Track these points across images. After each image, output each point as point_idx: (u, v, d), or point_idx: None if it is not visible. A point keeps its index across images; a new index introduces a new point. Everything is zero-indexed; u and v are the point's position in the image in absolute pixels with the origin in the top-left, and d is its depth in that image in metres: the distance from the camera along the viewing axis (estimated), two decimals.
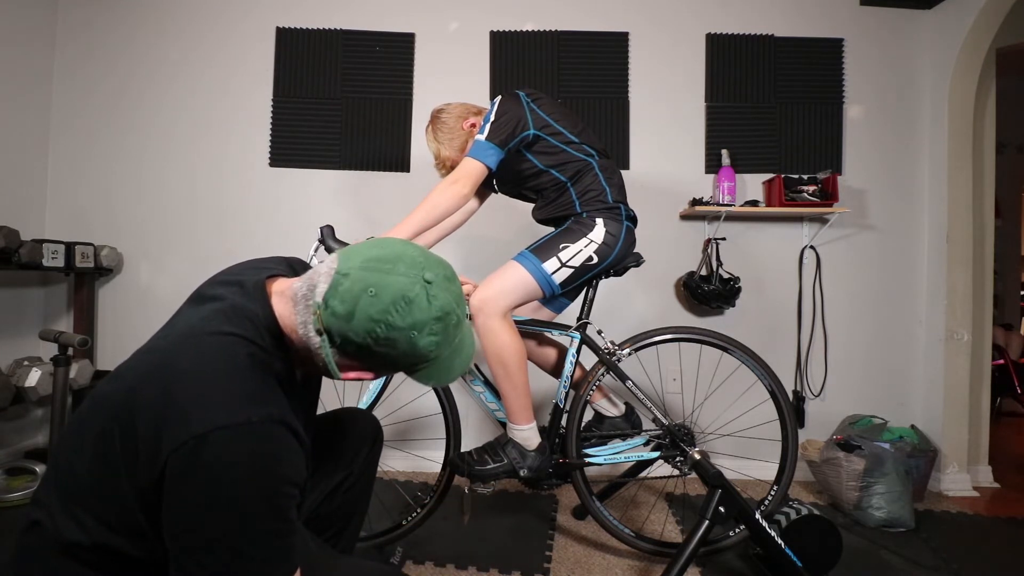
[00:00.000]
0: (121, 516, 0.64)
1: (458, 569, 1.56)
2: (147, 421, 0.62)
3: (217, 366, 0.66)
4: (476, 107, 1.66)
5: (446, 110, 1.64)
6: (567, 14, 2.45)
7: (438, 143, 1.63)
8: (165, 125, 2.46)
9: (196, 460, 0.59)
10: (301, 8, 2.47)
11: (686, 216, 2.39)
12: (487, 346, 1.50)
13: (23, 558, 0.68)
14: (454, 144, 1.61)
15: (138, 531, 0.64)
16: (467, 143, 1.59)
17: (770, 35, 2.43)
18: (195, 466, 0.59)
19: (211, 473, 0.59)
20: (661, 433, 1.62)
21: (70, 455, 0.68)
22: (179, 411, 0.61)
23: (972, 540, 1.83)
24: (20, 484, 1.91)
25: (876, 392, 2.38)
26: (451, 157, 1.62)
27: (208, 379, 0.65)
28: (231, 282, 0.81)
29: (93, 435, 0.66)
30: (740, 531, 1.59)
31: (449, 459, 1.58)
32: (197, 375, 0.65)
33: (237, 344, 0.69)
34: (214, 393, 0.63)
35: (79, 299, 2.33)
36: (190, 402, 0.62)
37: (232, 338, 0.69)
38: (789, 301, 2.41)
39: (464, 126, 1.61)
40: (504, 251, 1.74)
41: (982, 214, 2.36)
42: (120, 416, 0.64)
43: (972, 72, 2.28)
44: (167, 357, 0.68)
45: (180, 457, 0.59)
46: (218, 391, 0.64)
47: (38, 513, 0.68)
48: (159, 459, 0.60)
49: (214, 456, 0.59)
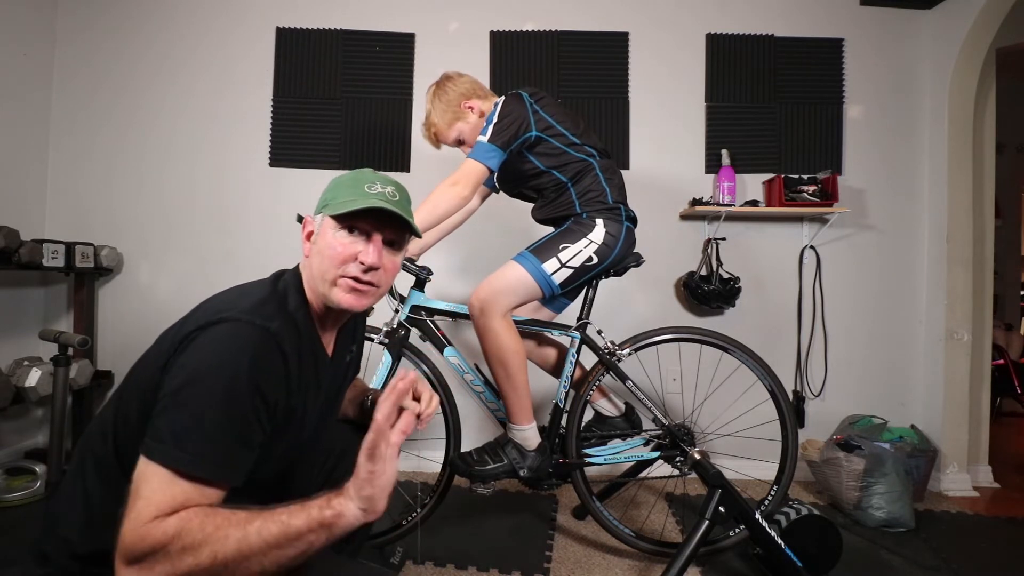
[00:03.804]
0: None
1: (458, 569, 1.56)
2: (173, 332, 0.79)
3: (233, 294, 0.83)
4: (484, 89, 1.65)
5: (454, 81, 1.63)
6: (567, 14, 2.45)
7: (432, 107, 1.63)
8: (165, 125, 2.46)
9: (196, 338, 0.74)
10: (301, 8, 2.47)
11: (686, 216, 2.39)
12: (487, 346, 1.50)
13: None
14: (445, 117, 1.61)
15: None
16: (458, 121, 1.60)
17: (770, 35, 2.43)
18: (194, 342, 0.74)
19: (199, 347, 0.73)
20: (661, 433, 1.62)
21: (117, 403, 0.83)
22: (197, 315, 0.78)
23: (972, 540, 1.83)
24: (20, 484, 1.91)
25: (876, 392, 2.38)
26: (437, 126, 1.62)
27: (224, 298, 0.81)
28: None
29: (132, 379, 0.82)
30: (740, 531, 1.59)
31: (449, 459, 1.58)
32: (216, 299, 0.82)
33: (260, 289, 0.85)
34: (227, 304, 0.79)
35: (79, 299, 2.33)
36: (207, 310, 0.78)
37: (256, 289, 0.85)
38: (789, 301, 2.41)
39: (463, 105, 1.61)
40: (504, 251, 1.73)
41: (982, 214, 2.36)
42: (151, 350, 0.81)
43: (972, 72, 2.28)
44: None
45: (189, 339, 0.74)
46: (232, 304, 0.78)
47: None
48: (177, 344, 0.75)
49: (209, 336, 0.74)
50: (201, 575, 0.64)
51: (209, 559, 0.64)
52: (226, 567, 0.65)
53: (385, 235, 0.87)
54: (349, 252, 0.84)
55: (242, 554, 0.65)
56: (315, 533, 0.67)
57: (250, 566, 0.66)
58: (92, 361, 2.28)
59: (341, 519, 0.68)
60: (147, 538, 0.65)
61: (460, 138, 1.63)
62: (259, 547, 0.65)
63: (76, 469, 0.81)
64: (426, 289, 1.64)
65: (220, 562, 0.64)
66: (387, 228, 0.87)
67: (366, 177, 0.89)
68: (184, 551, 0.64)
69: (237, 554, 0.65)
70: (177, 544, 0.64)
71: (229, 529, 0.66)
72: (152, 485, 0.67)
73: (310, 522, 0.67)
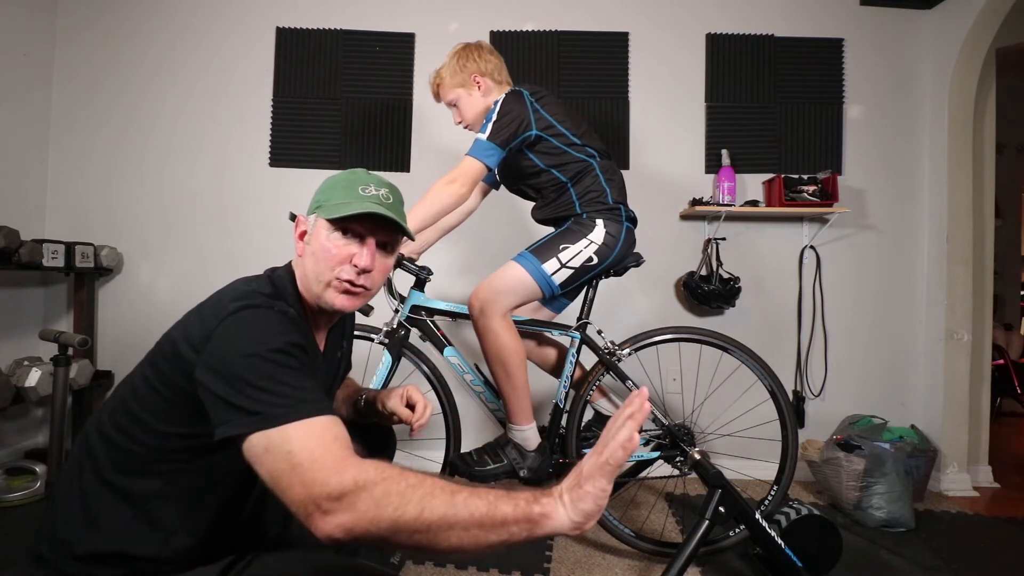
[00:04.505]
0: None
1: (458, 569, 1.56)
2: (186, 325, 0.78)
3: (240, 288, 0.83)
4: (502, 75, 1.66)
5: (482, 55, 1.63)
6: (567, 14, 2.45)
7: (448, 61, 1.63)
8: (165, 125, 2.46)
9: (224, 327, 0.74)
10: (301, 8, 2.47)
11: (686, 216, 2.39)
12: (487, 346, 1.50)
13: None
14: (454, 80, 1.62)
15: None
16: (461, 88, 1.61)
17: (770, 35, 2.43)
18: (223, 331, 0.74)
19: (229, 334, 0.73)
20: (661, 433, 1.62)
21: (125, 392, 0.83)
22: (211, 308, 0.78)
23: (972, 540, 1.83)
24: (20, 484, 1.91)
25: (876, 392, 2.38)
26: (443, 80, 1.63)
27: (232, 291, 0.82)
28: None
29: (139, 372, 0.82)
30: (740, 531, 1.59)
31: (449, 459, 1.58)
32: (226, 291, 0.82)
33: (261, 284, 0.85)
34: (241, 294, 0.79)
35: (79, 299, 2.33)
36: (220, 303, 0.78)
37: (257, 284, 0.85)
38: (789, 301, 2.41)
39: (473, 78, 1.61)
40: (504, 251, 1.74)
41: (982, 214, 2.36)
42: (162, 342, 0.81)
43: (972, 72, 2.28)
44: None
45: (217, 330, 0.74)
46: (246, 295, 0.79)
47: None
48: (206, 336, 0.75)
49: (236, 320, 0.75)
50: (402, 531, 0.60)
51: (415, 514, 0.60)
52: (428, 530, 0.60)
53: (378, 238, 0.88)
54: (343, 254, 0.85)
55: (447, 521, 0.60)
56: (519, 525, 0.61)
57: (449, 538, 0.60)
58: (92, 361, 2.28)
59: (548, 521, 0.62)
60: (344, 472, 0.62)
61: (456, 103, 1.64)
62: (464, 519, 0.60)
63: (72, 471, 0.81)
64: (426, 289, 1.64)
65: (424, 522, 0.60)
66: (380, 231, 0.88)
67: (360, 179, 0.89)
68: (389, 496, 0.60)
69: (442, 520, 0.60)
70: (380, 487, 0.61)
71: (435, 489, 0.61)
72: (295, 443, 0.65)
73: (516, 512, 0.61)
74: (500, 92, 1.58)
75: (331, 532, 0.61)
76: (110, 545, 0.76)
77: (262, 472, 0.66)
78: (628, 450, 0.61)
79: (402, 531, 0.60)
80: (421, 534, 0.60)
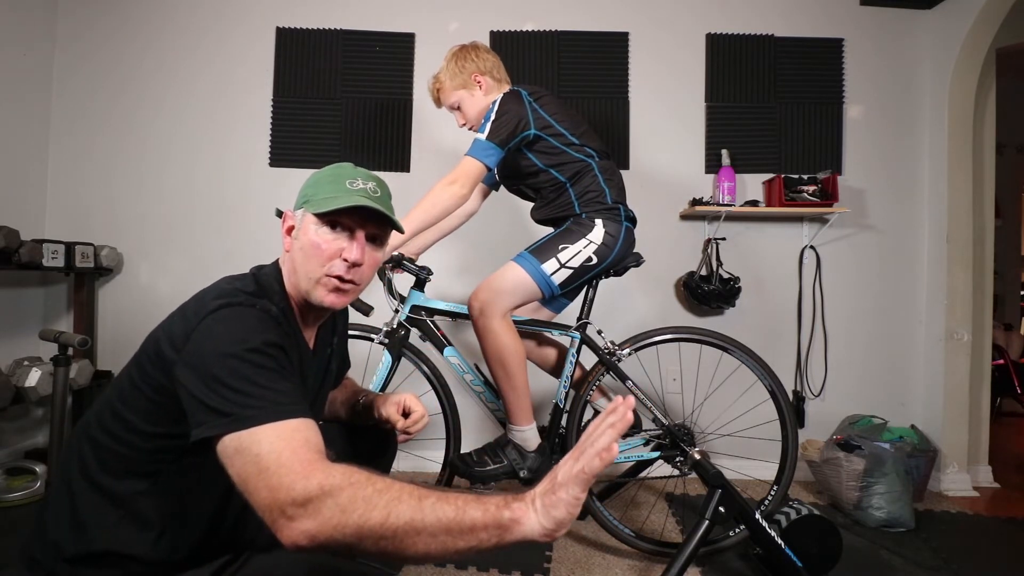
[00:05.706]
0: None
1: (458, 569, 1.56)
2: (170, 324, 0.79)
3: (224, 287, 0.82)
4: (501, 72, 1.66)
5: (479, 54, 1.63)
6: (567, 14, 2.44)
7: (446, 65, 1.63)
8: (165, 125, 2.46)
9: (203, 323, 0.74)
10: (301, 8, 2.47)
11: (686, 216, 2.39)
12: (487, 347, 1.50)
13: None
14: (454, 81, 1.62)
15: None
16: (463, 89, 1.61)
17: (770, 35, 2.43)
18: (204, 328, 0.74)
19: (209, 332, 0.73)
20: (661, 433, 1.62)
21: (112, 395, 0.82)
22: (193, 307, 0.79)
23: (972, 540, 1.83)
24: (20, 484, 1.91)
25: (876, 392, 2.38)
26: (443, 84, 1.63)
27: (215, 290, 0.82)
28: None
29: (126, 374, 0.82)
30: (740, 531, 1.59)
31: (449, 460, 1.58)
32: (207, 292, 0.82)
33: (245, 283, 0.85)
34: (223, 293, 0.79)
35: (79, 299, 2.33)
36: (202, 303, 0.78)
37: (241, 283, 0.85)
38: (789, 301, 2.41)
39: (474, 77, 1.61)
40: (504, 251, 1.74)
41: (982, 214, 2.36)
42: (147, 341, 0.81)
43: (972, 72, 2.28)
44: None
45: (198, 328, 0.74)
46: (228, 293, 0.79)
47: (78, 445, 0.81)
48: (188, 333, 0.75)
49: (215, 319, 0.74)
50: (367, 537, 0.58)
51: (380, 519, 0.58)
52: (395, 536, 0.58)
53: (368, 231, 0.87)
54: (333, 249, 0.84)
55: (413, 527, 0.58)
56: (488, 531, 0.59)
57: (416, 544, 0.58)
58: (92, 361, 2.28)
59: (518, 527, 0.60)
60: (311, 477, 0.60)
61: (458, 105, 1.64)
62: (431, 525, 0.58)
63: (63, 473, 0.81)
64: (426, 289, 1.64)
65: (390, 527, 0.58)
66: (370, 224, 0.87)
67: (347, 173, 0.89)
68: (354, 502, 0.59)
69: (408, 525, 0.58)
70: (346, 493, 0.59)
71: (402, 494, 0.60)
72: (264, 446, 0.64)
73: (486, 518, 0.59)
74: (500, 91, 1.58)
75: (296, 539, 0.59)
76: (99, 546, 0.75)
77: (232, 474, 0.65)
78: (605, 460, 0.58)
79: (367, 537, 0.58)
80: (387, 540, 0.58)
